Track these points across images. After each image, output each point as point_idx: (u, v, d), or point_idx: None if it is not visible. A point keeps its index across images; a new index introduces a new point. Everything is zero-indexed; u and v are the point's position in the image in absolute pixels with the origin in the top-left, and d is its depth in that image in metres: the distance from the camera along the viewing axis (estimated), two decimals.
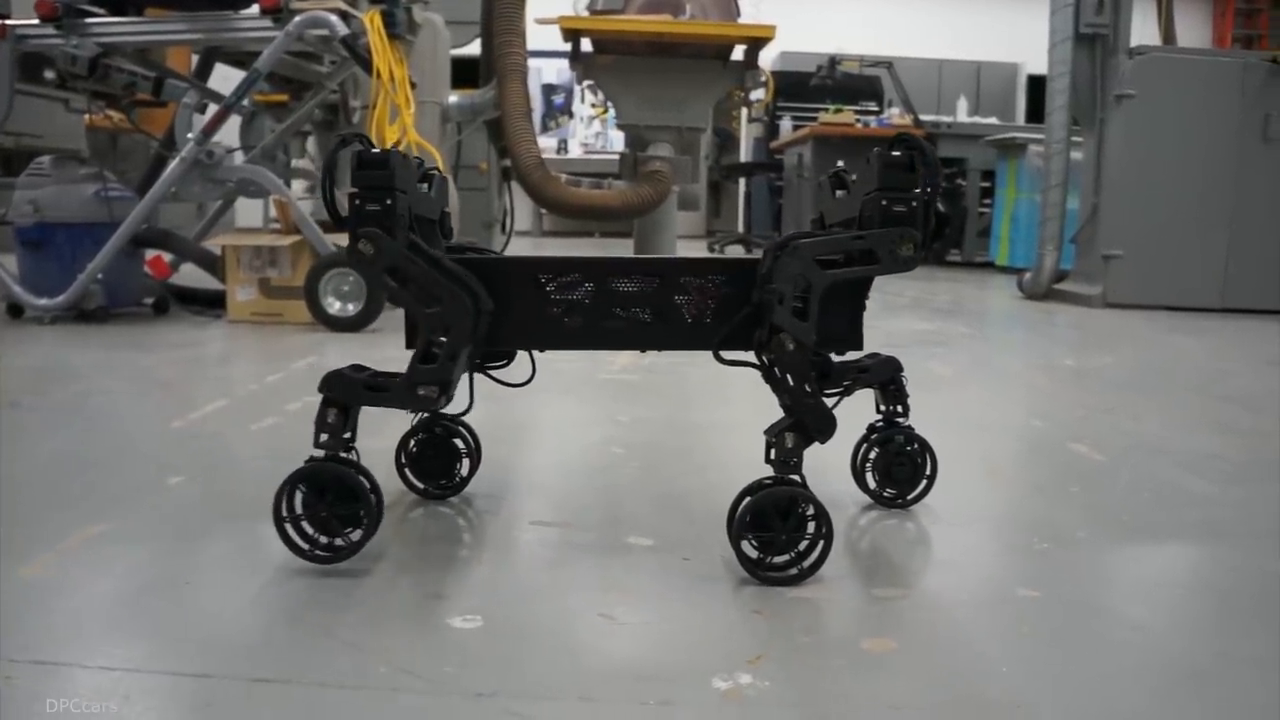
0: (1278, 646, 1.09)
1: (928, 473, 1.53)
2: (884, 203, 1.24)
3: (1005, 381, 2.79)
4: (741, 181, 10.94)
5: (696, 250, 9.06)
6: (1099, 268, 4.99)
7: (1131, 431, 2.15)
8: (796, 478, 1.22)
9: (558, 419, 2.13)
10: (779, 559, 1.21)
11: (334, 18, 3.25)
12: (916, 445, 1.53)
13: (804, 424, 1.23)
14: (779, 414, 1.26)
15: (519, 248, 9.57)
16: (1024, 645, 1.07)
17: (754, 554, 1.21)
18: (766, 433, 1.25)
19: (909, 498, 1.54)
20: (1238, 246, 4.94)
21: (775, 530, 1.20)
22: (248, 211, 7.20)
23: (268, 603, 1.13)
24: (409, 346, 1.40)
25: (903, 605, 1.17)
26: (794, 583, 1.20)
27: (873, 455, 1.54)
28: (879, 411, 1.54)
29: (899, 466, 1.53)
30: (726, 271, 1.34)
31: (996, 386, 2.69)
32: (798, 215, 8.35)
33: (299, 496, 1.22)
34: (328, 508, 1.21)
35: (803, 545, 1.21)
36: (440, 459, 1.52)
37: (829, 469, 1.57)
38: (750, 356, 1.33)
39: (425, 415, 1.51)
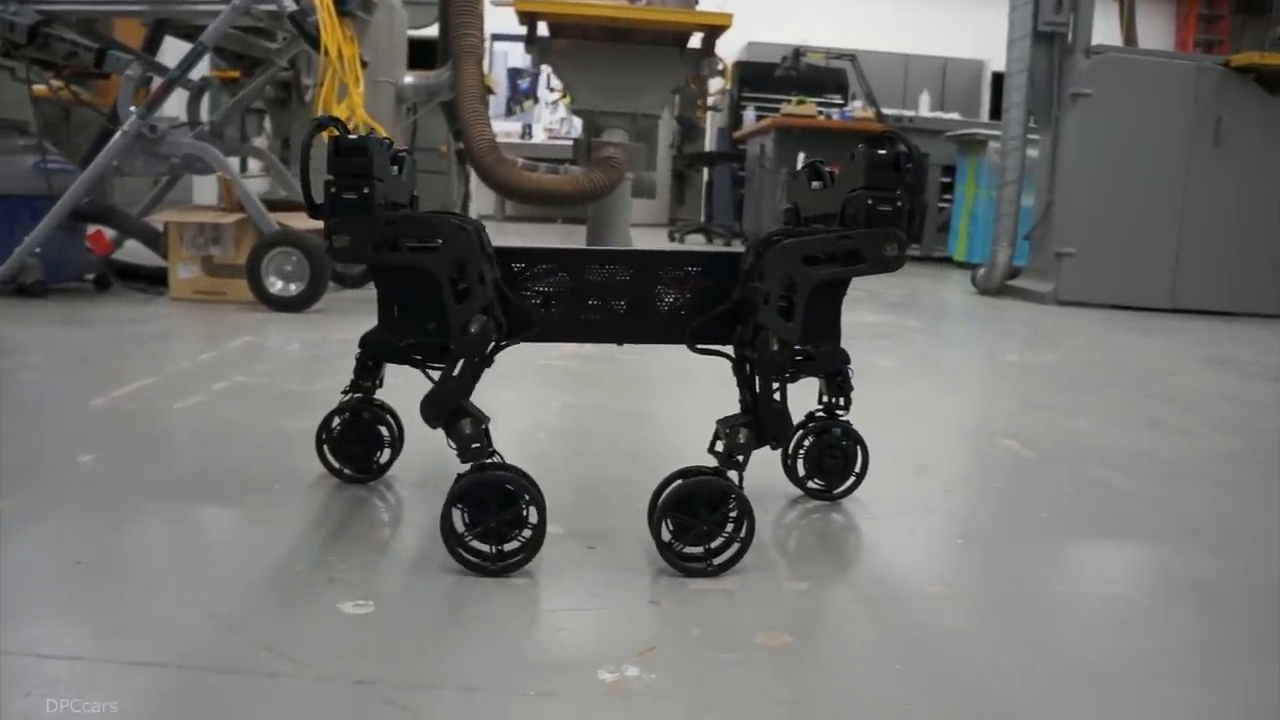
0: (1173, 645, 1.09)
1: (858, 469, 1.53)
2: (869, 202, 1.23)
3: (946, 376, 2.80)
4: (705, 170, 10.93)
5: (656, 238, 9.04)
6: (1051, 265, 5.02)
7: (1064, 428, 2.15)
8: (735, 475, 1.20)
9: (488, 405, 2.10)
10: (692, 549, 1.20)
11: None
12: (851, 440, 1.52)
13: (762, 425, 1.22)
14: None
15: None
16: (921, 642, 1.06)
17: (668, 537, 1.20)
18: (720, 423, 1.24)
19: (836, 491, 1.53)
20: (1187, 248, 4.98)
21: (699, 520, 1.18)
22: (205, 188, 7.11)
23: (157, 584, 1.11)
24: (382, 324, 1.38)
25: (806, 599, 1.16)
26: (701, 575, 1.19)
27: (806, 444, 1.53)
28: (820, 402, 1.53)
29: (830, 459, 1.52)
30: (704, 264, 1.33)
31: (937, 381, 2.70)
32: (759, 205, 8.35)
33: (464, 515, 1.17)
34: (494, 517, 1.16)
35: (718, 542, 1.20)
36: (362, 443, 1.49)
37: (758, 455, 1.55)
38: (722, 347, 1.31)
39: (355, 396, 1.48)
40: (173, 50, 3.82)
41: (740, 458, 1.21)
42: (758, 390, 1.22)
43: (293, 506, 1.39)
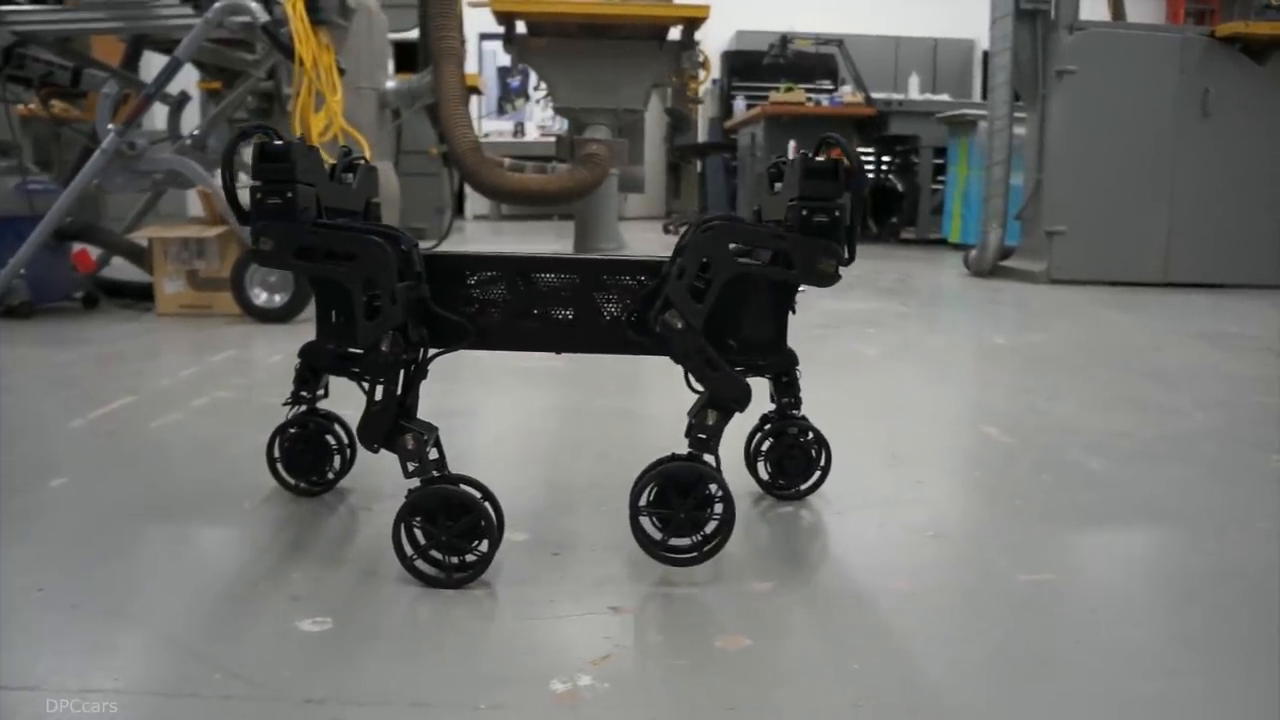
0: (1140, 635, 1.08)
1: (821, 464, 1.52)
2: (804, 213, 1.18)
3: (932, 362, 2.79)
4: (698, 162, 10.92)
5: (651, 231, 9.03)
6: (1043, 244, 5.01)
7: (1046, 411, 2.15)
8: (710, 457, 1.20)
9: (464, 408, 2.10)
10: (678, 540, 1.19)
11: (254, 4, 3.19)
12: (811, 436, 1.51)
13: (717, 398, 1.20)
14: (688, 400, 1.23)
15: (477, 231, 9.50)
16: (881, 640, 1.06)
17: (655, 533, 1.19)
18: (690, 413, 1.22)
19: (801, 489, 1.52)
20: (1178, 221, 4.97)
21: (674, 508, 1.18)
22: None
23: (119, 609, 1.10)
24: (319, 339, 1.38)
25: (769, 600, 1.15)
26: (694, 564, 1.19)
27: (765, 446, 1.53)
28: (773, 401, 1.52)
29: (791, 459, 1.51)
30: (650, 271, 1.29)
31: (922, 367, 2.69)
32: (752, 195, 8.34)
33: (417, 530, 1.17)
34: (445, 530, 1.15)
35: (710, 527, 1.19)
36: (311, 455, 1.49)
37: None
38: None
39: (301, 409, 1.48)
40: (157, 65, 3.82)
41: (712, 440, 1.19)
42: (690, 368, 1.20)
43: (260, 523, 1.39)
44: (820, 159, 1.19)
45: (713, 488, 1.18)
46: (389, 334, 1.17)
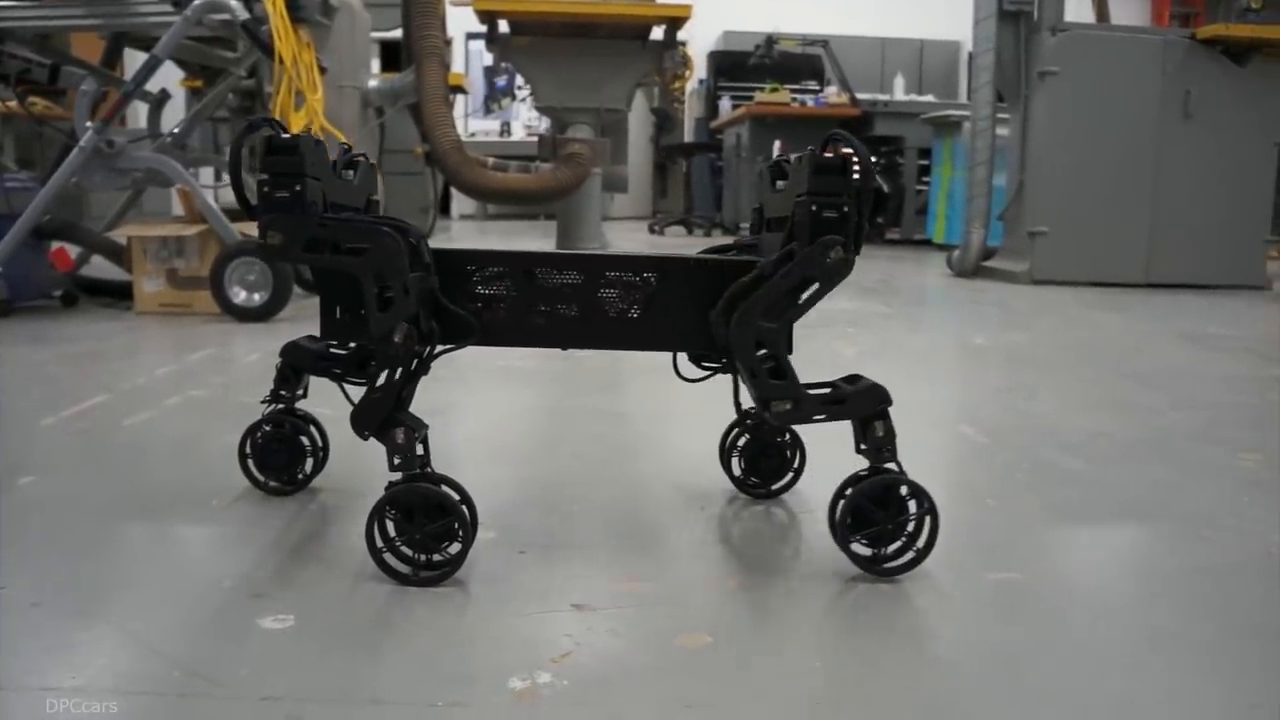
0: (1105, 634, 1.08)
1: (795, 465, 1.52)
2: (814, 208, 1.18)
3: (911, 362, 2.79)
4: (684, 162, 10.92)
5: (637, 231, 9.02)
6: (1025, 245, 5.02)
7: (1025, 411, 2.15)
8: (893, 465, 1.21)
9: (437, 406, 2.09)
10: (891, 549, 1.20)
11: (234, 1, 3.18)
12: (788, 436, 1.51)
13: (867, 415, 1.22)
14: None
15: (462, 231, 9.48)
16: (843, 638, 1.05)
17: (867, 552, 1.20)
18: (856, 440, 1.24)
19: (774, 488, 1.52)
20: (1160, 222, 4.99)
21: (879, 522, 1.19)
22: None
23: (81, 608, 1.09)
24: (324, 336, 1.37)
25: (733, 598, 1.15)
26: (915, 565, 1.20)
27: (742, 442, 1.52)
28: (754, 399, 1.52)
29: (766, 457, 1.51)
30: (652, 269, 1.30)
31: (901, 367, 2.69)
32: (738, 195, 8.35)
33: (390, 523, 1.16)
34: (420, 529, 1.15)
35: (910, 529, 1.20)
36: (285, 454, 1.48)
37: (698, 454, 1.54)
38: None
39: (277, 408, 1.47)
40: (140, 63, 3.80)
41: (883, 447, 1.21)
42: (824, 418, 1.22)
43: (228, 522, 1.38)
44: (829, 155, 1.19)
45: (903, 489, 1.19)
46: (402, 325, 1.17)
